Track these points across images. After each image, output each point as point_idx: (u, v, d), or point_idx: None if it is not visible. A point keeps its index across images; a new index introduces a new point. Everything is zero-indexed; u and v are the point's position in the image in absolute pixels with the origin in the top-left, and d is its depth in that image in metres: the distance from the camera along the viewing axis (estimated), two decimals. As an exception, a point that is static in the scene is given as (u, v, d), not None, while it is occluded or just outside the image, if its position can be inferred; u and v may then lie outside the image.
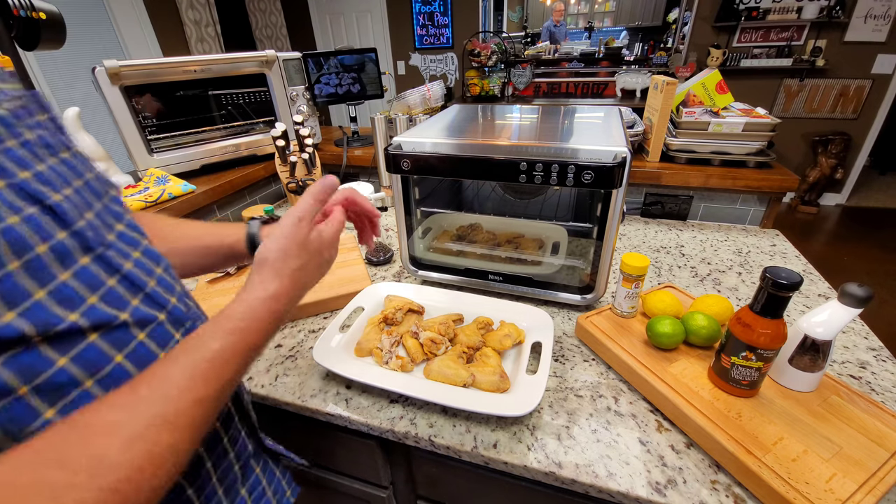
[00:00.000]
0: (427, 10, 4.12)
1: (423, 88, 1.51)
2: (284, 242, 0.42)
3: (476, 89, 3.79)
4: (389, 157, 0.74)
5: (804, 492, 0.44)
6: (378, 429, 0.61)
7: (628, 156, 0.63)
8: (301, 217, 0.44)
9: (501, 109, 1.05)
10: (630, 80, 3.42)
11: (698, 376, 0.60)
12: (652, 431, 0.57)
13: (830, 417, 0.53)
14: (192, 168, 1.23)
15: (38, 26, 0.74)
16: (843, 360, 0.68)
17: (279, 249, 0.42)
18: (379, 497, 0.76)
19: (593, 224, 0.78)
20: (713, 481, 0.51)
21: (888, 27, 3.11)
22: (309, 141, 1.21)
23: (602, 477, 0.52)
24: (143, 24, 2.91)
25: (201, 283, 0.90)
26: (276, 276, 0.41)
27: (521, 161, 0.66)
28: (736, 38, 3.46)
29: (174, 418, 0.29)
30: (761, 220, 1.14)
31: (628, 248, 1.05)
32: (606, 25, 4.00)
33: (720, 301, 0.67)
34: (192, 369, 0.32)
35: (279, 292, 0.41)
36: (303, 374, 0.70)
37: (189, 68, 1.16)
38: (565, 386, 0.65)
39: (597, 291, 0.77)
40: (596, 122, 0.84)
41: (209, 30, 3.40)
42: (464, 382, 0.62)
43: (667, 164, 1.15)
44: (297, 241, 0.43)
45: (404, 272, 0.98)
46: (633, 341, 0.67)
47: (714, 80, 1.18)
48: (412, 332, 0.71)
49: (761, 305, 0.52)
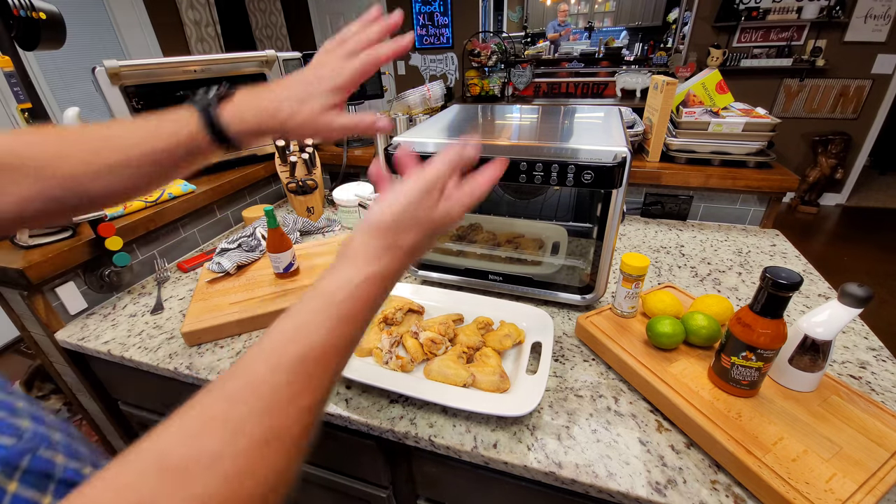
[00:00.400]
0: (427, 10, 4.12)
1: (423, 88, 1.51)
2: (407, 211, 0.36)
3: (476, 89, 3.79)
4: (389, 157, 0.74)
5: (804, 492, 0.44)
6: (378, 429, 0.61)
7: (628, 156, 0.63)
8: (432, 186, 0.37)
9: (501, 109, 1.05)
10: (630, 80, 3.42)
11: (698, 376, 0.60)
12: (652, 431, 0.57)
13: (830, 417, 0.53)
14: (192, 168, 1.23)
15: (38, 26, 0.74)
16: (843, 360, 0.68)
17: (398, 217, 0.36)
18: (379, 497, 0.76)
19: (593, 224, 0.78)
20: (713, 481, 0.51)
21: (888, 27, 3.11)
22: (309, 141, 1.21)
23: (602, 477, 0.52)
24: (143, 24, 2.91)
25: (201, 284, 0.90)
26: (388, 250, 0.35)
27: (521, 161, 0.66)
28: (736, 38, 3.46)
29: (280, 434, 0.26)
30: (761, 220, 1.14)
31: (628, 248, 1.05)
32: (606, 25, 4.00)
33: (720, 301, 0.67)
34: (294, 372, 0.28)
35: (390, 270, 0.35)
36: (303, 374, 0.70)
37: (189, 68, 1.16)
38: (565, 386, 0.65)
39: (597, 291, 0.77)
40: (596, 123, 0.84)
41: (209, 30, 3.40)
42: (464, 382, 0.62)
43: (667, 164, 1.15)
44: (421, 213, 0.36)
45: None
46: (633, 341, 0.67)
47: (714, 80, 1.18)
48: (412, 332, 0.71)
49: (761, 305, 0.52)
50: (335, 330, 0.31)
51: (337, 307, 0.32)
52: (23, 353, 2.27)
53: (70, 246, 0.84)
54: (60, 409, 1.76)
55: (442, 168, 0.38)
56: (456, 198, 0.39)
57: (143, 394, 0.93)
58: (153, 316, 0.88)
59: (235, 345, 0.78)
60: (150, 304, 0.92)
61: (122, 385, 0.95)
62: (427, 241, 0.38)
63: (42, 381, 1.71)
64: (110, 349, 0.79)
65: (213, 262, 0.95)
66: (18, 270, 0.77)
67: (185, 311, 0.88)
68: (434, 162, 0.38)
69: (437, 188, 0.37)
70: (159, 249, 1.06)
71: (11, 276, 0.78)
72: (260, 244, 1.02)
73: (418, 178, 0.37)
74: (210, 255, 1.08)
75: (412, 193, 0.36)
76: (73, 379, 0.96)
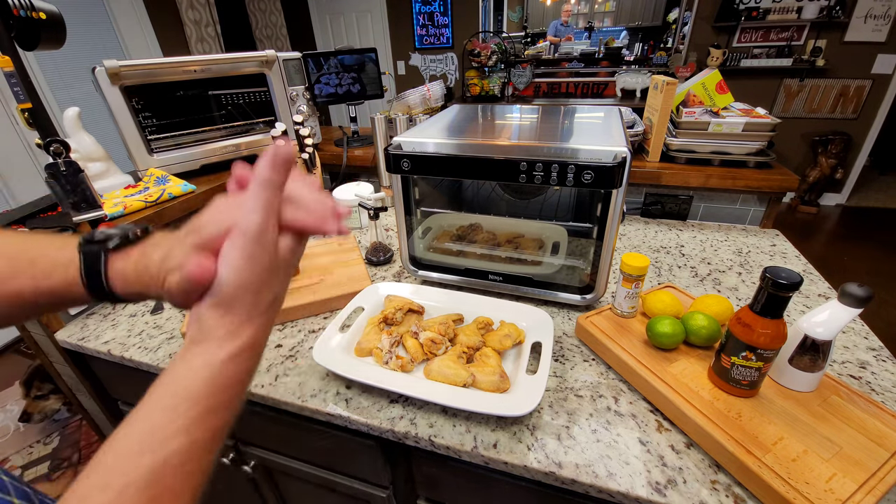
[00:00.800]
0: (427, 10, 4.11)
1: (423, 88, 1.51)
2: (252, 271, 0.30)
3: (476, 89, 3.79)
4: (389, 157, 0.74)
5: (804, 492, 0.44)
6: (378, 429, 0.61)
7: (628, 156, 0.63)
8: (264, 226, 0.30)
9: (501, 109, 1.05)
10: (630, 80, 3.42)
11: (698, 376, 0.60)
12: (652, 431, 0.57)
13: (830, 417, 0.53)
14: (192, 168, 1.23)
15: (38, 26, 0.74)
16: (843, 360, 0.68)
17: (246, 283, 0.30)
18: (379, 497, 0.76)
19: (593, 224, 0.78)
20: (713, 481, 0.51)
21: (888, 27, 3.11)
22: (309, 141, 1.21)
23: (602, 477, 0.52)
24: (143, 24, 2.91)
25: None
26: (249, 321, 0.30)
27: (521, 161, 0.66)
28: (736, 38, 3.46)
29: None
30: (761, 220, 1.14)
31: (628, 248, 1.05)
32: (606, 25, 4.00)
33: (720, 301, 0.67)
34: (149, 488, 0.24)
35: (256, 340, 0.30)
36: (303, 374, 0.70)
37: (189, 68, 1.16)
38: (565, 386, 0.65)
39: (597, 291, 0.77)
40: (596, 122, 0.84)
41: (209, 30, 3.40)
42: (464, 382, 0.62)
43: (667, 164, 1.15)
44: (266, 262, 0.30)
45: (404, 272, 0.98)
46: (633, 341, 0.67)
47: (714, 80, 1.18)
48: (412, 332, 0.71)
49: (761, 305, 0.52)
50: (199, 427, 0.27)
51: (196, 401, 0.27)
52: (23, 353, 2.27)
53: (70, 246, 0.84)
54: (60, 408, 1.76)
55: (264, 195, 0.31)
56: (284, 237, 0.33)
57: (143, 394, 0.93)
58: (153, 316, 0.88)
59: (235, 345, 0.78)
60: (149, 304, 0.92)
61: (122, 385, 0.95)
62: (282, 286, 0.33)
63: (41, 382, 1.71)
64: (110, 349, 0.79)
65: (213, 262, 0.95)
66: (18, 270, 0.76)
67: (185, 311, 0.88)
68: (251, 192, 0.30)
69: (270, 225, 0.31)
70: (159, 249, 1.06)
71: (11, 276, 0.78)
72: (260, 244, 1.02)
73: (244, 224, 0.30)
74: (210, 255, 1.07)
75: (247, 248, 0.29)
76: (73, 379, 0.96)
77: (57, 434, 1.76)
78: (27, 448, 1.70)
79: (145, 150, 1.14)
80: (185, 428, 0.26)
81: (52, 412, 1.75)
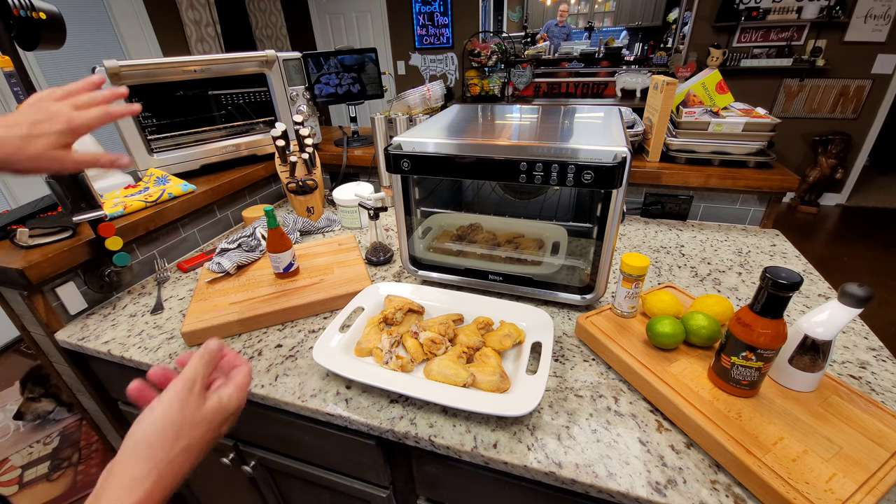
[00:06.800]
0: (427, 10, 4.11)
1: (423, 88, 1.51)
2: (172, 416, 0.35)
3: (476, 89, 3.79)
4: (389, 157, 0.74)
5: (804, 492, 0.44)
6: (378, 429, 0.61)
7: (628, 156, 0.63)
8: (193, 380, 0.38)
9: (501, 109, 1.05)
10: (630, 80, 3.42)
11: (698, 376, 0.60)
12: (652, 431, 0.57)
13: (830, 417, 0.53)
14: (192, 168, 1.23)
15: (38, 26, 0.74)
16: (843, 360, 0.68)
17: (164, 427, 0.34)
18: (379, 497, 0.76)
19: (593, 224, 0.78)
20: (713, 481, 0.51)
21: (888, 27, 3.11)
22: (309, 141, 1.21)
23: (602, 477, 0.52)
24: (143, 24, 2.91)
25: (201, 284, 0.90)
26: (154, 466, 0.33)
27: (521, 161, 0.66)
28: (736, 38, 3.46)
29: None
30: (761, 220, 1.14)
31: (628, 248, 1.05)
32: (606, 25, 4.00)
33: (720, 301, 0.67)
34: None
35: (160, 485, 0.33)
36: (303, 374, 0.70)
37: (189, 68, 1.16)
38: (565, 386, 0.65)
39: (597, 291, 0.77)
40: (596, 122, 0.84)
41: (209, 30, 3.40)
42: (464, 382, 0.62)
43: (667, 164, 1.15)
44: (187, 414, 0.36)
45: (404, 272, 0.98)
46: (633, 341, 0.67)
47: (714, 80, 1.18)
48: (412, 332, 0.71)
49: (761, 305, 0.52)
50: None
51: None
52: (23, 353, 2.27)
53: (70, 246, 0.84)
54: (53, 409, 1.76)
55: (198, 364, 0.39)
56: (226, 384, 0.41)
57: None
58: (153, 316, 0.88)
59: (235, 345, 0.78)
60: (150, 304, 0.92)
61: (122, 385, 0.94)
62: (207, 435, 0.37)
63: (34, 384, 1.72)
64: (110, 349, 0.79)
65: (213, 262, 0.95)
66: (18, 270, 0.77)
67: (185, 311, 0.88)
68: (189, 364, 0.39)
69: (199, 382, 0.38)
70: (159, 249, 1.06)
71: (11, 276, 0.78)
72: (260, 244, 1.03)
73: (175, 383, 0.38)
74: (210, 255, 1.08)
75: (170, 400, 0.36)
76: (73, 379, 0.96)
77: (57, 434, 1.76)
78: (27, 448, 1.70)
79: (145, 149, 1.14)
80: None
81: (45, 413, 1.77)
